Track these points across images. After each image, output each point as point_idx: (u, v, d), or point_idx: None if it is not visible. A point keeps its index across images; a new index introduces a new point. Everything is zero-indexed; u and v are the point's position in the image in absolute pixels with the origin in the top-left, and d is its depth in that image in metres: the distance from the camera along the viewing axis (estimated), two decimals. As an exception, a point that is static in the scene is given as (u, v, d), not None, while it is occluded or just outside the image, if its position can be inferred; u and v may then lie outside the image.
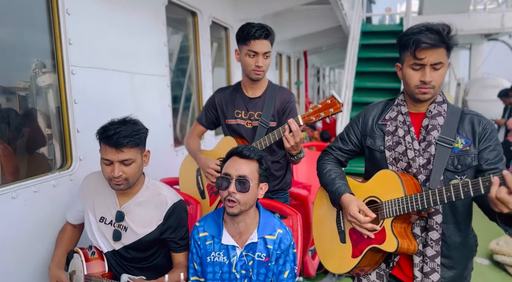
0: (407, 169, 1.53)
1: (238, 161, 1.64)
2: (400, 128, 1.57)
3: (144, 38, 2.87)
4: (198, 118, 2.34)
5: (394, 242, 1.46)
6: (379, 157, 1.62)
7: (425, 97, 1.51)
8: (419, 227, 1.52)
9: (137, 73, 2.75)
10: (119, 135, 1.62)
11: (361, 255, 1.58)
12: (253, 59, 2.02)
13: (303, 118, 1.82)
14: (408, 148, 1.53)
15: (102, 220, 1.82)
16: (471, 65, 10.03)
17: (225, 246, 1.69)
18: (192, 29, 3.87)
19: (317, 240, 1.84)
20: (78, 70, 2.16)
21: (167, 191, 1.84)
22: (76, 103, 2.14)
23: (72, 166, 2.13)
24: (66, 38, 2.09)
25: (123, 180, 1.68)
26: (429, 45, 1.42)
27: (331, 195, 1.67)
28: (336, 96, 1.74)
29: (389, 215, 1.50)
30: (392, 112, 1.63)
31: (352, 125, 1.75)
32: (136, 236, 1.77)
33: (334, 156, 1.79)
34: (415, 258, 1.51)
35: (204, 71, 3.93)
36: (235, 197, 1.58)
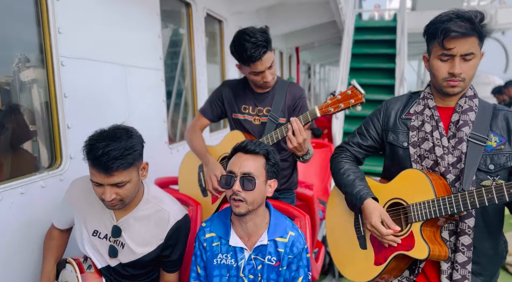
0: (434, 168, 1.42)
1: (242, 157, 1.52)
2: (427, 123, 1.45)
3: (137, 29, 2.70)
4: (202, 111, 2.21)
5: (425, 248, 1.35)
6: (402, 154, 1.50)
7: (454, 91, 1.39)
8: (448, 231, 1.41)
9: (130, 66, 2.59)
10: (108, 157, 1.35)
11: (385, 262, 1.46)
12: (259, 77, 1.92)
13: (320, 110, 1.70)
14: (436, 144, 1.41)
15: (95, 233, 1.63)
16: (462, 62, 10.01)
17: (233, 248, 1.57)
18: (186, 21, 3.70)
19: (332, 244, 1.72)
20: (68, 62, 2.00)
21: (170, 205, 1.64)
22: (66, 97, 1.98)
23: (62, 165, 1.97)
24: (55, 27, 1.92)
25: (118, 201, 1.47)
26: (459, 34, 1.30)
27: (351, 198, 1.53)
28: (357, 86, 1.62)
29: (417, 218, 1.38)
30: (417, 105, 1.51)
31: (372, 119, 1.62)
32: (134, 255, 1.61)
33: (351, 152, 1.66)
34: (443, 265, 1.40)
35: (198, 65, 3.77)
36: (241, 195, 1.46)
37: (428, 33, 1.41)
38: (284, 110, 2.01)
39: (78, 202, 1.64)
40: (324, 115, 1.72)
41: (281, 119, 2.00)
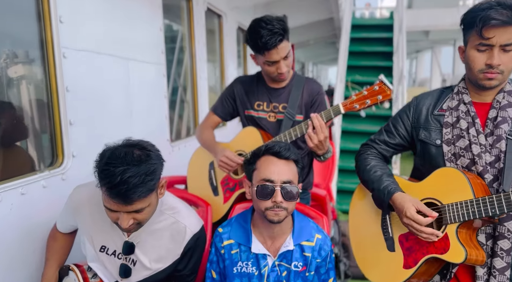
0: (470, 167, 1.33)
1: (277, 162, 1.41)
2: (463, 120, 1.36)
3: (138, 22, 2.57)
4: (213, 108, 2.11)
5: (461, 251, 1.26)
6: (435, 152, 1.41)
7: (491, 84, 1.31)
8: (485, 234, 1.33)
9: (132, 59, 2.46)
10: (128, 186, 1.17)
11: (416, 266, 1.38)
12: (274, 67, 1.81)
13: (344, 106, 1.60)
14: (472, 142, 1.33)
15: (103, 249, 1.47)
16: (455, 61, 10.10)
17: (254, 254, 1.46)
18: (187, 15, 3.58)
19: (356, 245, 1.63)
20: (70, 53, 1.87)
21: (186, 216, 1.48)
22: (68, 92, 1.85)
23: (64, 163, 1.84)
24: (56, 15, 1.79)
25: (135, 225, 1.32)
26: (499, 22, 1.22)
27: (378, 194, 1.45)
28: (386, 81, 1.52)
29: (453, 220, 1.29)
30: (451, 101, 1.42)
31: (401, 115, 1.53)
32: (148, 272, 1.46)
33: (378, 150, 1.57)
34: (479, 270, 1.32)
35: (199, 61, 3.66)
36: (282, 206, 1.36)
37: (466, 22, 1.33)
38: (301, 106, 1.92)
39: (82, 213, 1.46)
40: (349, 112, 1.63)
41: (298, 116, 1.91)
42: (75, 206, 1.47)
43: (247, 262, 1.47)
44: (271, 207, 1.37)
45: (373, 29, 7.29)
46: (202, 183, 2.10)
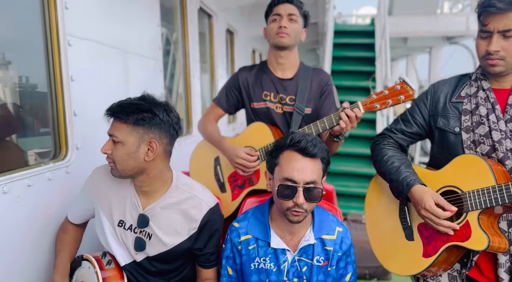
0: (490, 154, 1.35)
1: (301, 161, 1.33)
2: (482, 106, 1.38)
3: (136, 17, 2.51)
4: (216, 100, 2.06)
5: (484, 238, 1.27)
6: (453, 140, 1.42)
7: (495, 70, 1.34)
8: (506, 221, 1.34)
9: (131, 52, 2.40)
10: (114, 104, 1.38)
11: (436, 254, 1.38)
12: (277, 23, 1.82)
13: (364, 106, 1.58)
14: (493, 128, 1.34)
15: (121, 224, 1.47)
16: (430, 68, 10.45)
17: (273, 250, 1.42)
18: (180, 13, 3.54)
19: (373, 237, 1.63)
20: (75, 42, 1.79)
21: (202, 191, 1.51)
22: (73, 81, 1.77)
23: (68, 156, 1.76)
24: (62, 1, 1.72)
25: (112, 163, 1.39)
26: (495, 9, 1.26)
27: (397, 185, 1.45)
28: (408, 81, 1.51)
29: (475, 207, 1.30)
30: (469, 88, 1.44)
31: (419, 104, 1.54)
32: (163, 247, 1.44)
33: (395, 139, 1.57)
34: (501, 258, 1.33)
35: (192, 59, 3.61)
36: (303, 207, 1.32)
37: (477, 12, 1.37)
38: (310, 99, 1.89)
39: (101, 189, 1.49)
40: (370, 111, 1.62)
41: (307, 109, 1.88)
42: (96, 185, 1.51)
43: (265, 258, 1.43)
44: (292, 207, 1.33)
45: (355, 35, 7.44)
46: (207, 179, 2.04)
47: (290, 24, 1.82)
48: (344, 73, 6.68)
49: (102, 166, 1.54)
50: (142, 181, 1.42)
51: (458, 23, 7.72)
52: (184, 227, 1.45)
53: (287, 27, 1.80)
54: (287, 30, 1.80)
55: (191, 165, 2.17)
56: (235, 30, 5.34)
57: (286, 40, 1.82)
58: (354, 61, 6.88)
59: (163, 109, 1.40)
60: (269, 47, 1.92)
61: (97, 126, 1.94)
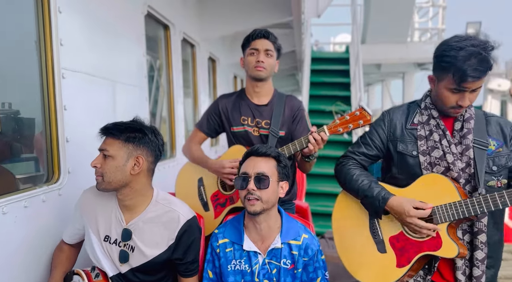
0: (445, 173, 1.53)
1: (255, 159, 1.61)
2: (435, 133, 1.56)
3: (124, 48, 2.71)
4: (198, 125, 2.24)
5: (454, 247, 1.45)
6: (412, 162, 1.60)
7: (457, 115, 1.54)
8: (461, 230, 1.53)
9: (119, 82, 2.57)
10: (108, 124, 1.57)
11: (409, 264, 1.55)
12: (255, 56, 2.02)
13: (329, 129, 1.78)
14: (446, 152, 1.53)
15: (106, 239, 1.62)
16: (404, 92, 10.95)
17: (246, 252, 1.61)
18: (164, 44, 3.75)
19: (343, 253, 1.76)
20: (68, 75, 1.96)
21: (180, 205, 1.67)
22: (65, 110, 1.93)
23: (60, 179, 1.89)
24: (57, 38, 1.90)
25: (100, 176, 1.54)
26: (475, 79, 1.40)
27: (372, 201, 1.60)
28: (366, 108, 1.71)
29: (444, 220, 1.48)
30: (421, 116, 1.62)
31: (377, 129, 1.72)
32: (144, 258, 1.59)
33: (358, 160, 1.74)
34: (458, 262, 1.51)
35: (176, 87, 3.80)
36: (256, 194, 1.53)
37: (442, 64, 1.46)
38: (284, 123, 2.08)
39: (89, 208, 1.64)
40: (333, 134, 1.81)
41: (281, 132, 2.07)
42: (84, 205, 1.67)
43: (240, 260, 1.61)
44: (246, 196, 1.55)
45: (331, 62, 7.81)
46: (192, 199, 2.19)
47: (266, 59, 2.03)
48: (322, 98, 6.99)
49: (90, 187, 1.70)
50: (125, 194, 1.58)
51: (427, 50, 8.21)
52: (163, 239, 1.60)
53: (264, 61, 2.01)
54: (264, 64, 2.02)
55: (177, 186, 2.32)
56: (217, 58, 5.59)
57: (263, 73, 2.04)
58: (330, 87, 7.21)
59: (151, 131, 1.61)
60: (247, 77, 2.13)
61: (87, 152, 2.09)
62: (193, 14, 4.39)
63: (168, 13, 3.54)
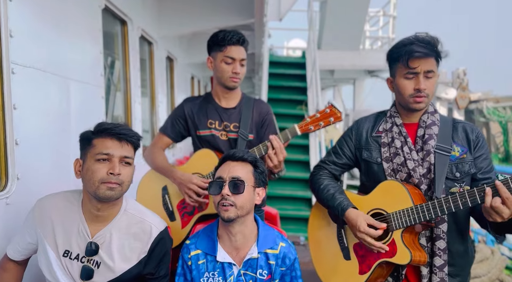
0: (407, 180, 1.56)
1: (231, 164, 1.54)
2: (397, 139, 1.59)
3: (79, 43, 2.51)
4: (162, 129, 2.11)
5: (407, 254, 1.46)
6: (377, 169, 1.63)
7: (420, 107, 1.54)
8: (425, 237, 1.55)
9: (73, 79, 2.37)
10: (120, 128, 1.42)
11: (369, 270, 1.56)
12: (230, 66, 1.92)
13: (300, 128, 1.75)
14: (407, 158, 1.55)
15: (66, 254, 1.44)
16: (355, 98, 11.34)
17: (220, 264, 1.52)
18: (121, 40, 3.55)
19: (316, 260, 1.77)
20: (18, 70, 1.76)
21: (151, 216, 1.55)
22: (15, 109, 1.73)
23: (8, 186, 1.69)
24: (6, 29, 1.69)
25: (118, 185, 1.38)
26: (422, 54, 1.48)
27: (333, 211, 1.62)
28: (336, 105, 1.71)
29: (398, 226, 1.50)
30: (385, 123, 1.65)
31: (345, 138, 1.74)
32: (112, 273, 1.45)
33: (328, 170, 1.75)
34: (423, 270, 1.52)
35: (134, 86, 3.61)
36: (230, 199, 1.46)
37: (392, 57, 1.57)
38: (252, 126, 2.03)
39: (46, 220, 1.46)
40: (305, 133, 1.79)
41: (250, 135, 2.02)
42: (40, 215, 1.48)
43: (214, 272, 1.52)
44: (220, 201, 1.47)
45: (288, 66, 7.89)
46: (155, 208, 2.04)
47: (242, 69, 1.95)
48: (280, 101, 7.03)
49: (45, 196, 1.53)
50: (111, 203, 1.44)
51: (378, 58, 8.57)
52: (134, 252, 1.47)
53: (240, 72, 1.94)
54: (240, 75, 1.95)
55: (138, 195, 2.17)
56: (175, 57, 5.42)
57: (238, 84, 1.98)
58: (288, 90, 7.27)
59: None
60: (216, 81, 2.04)
61: (39, 156, 1.90)
62: (152, 10, 4.21)
63: (126, 7, 3.35)
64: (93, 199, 1.41)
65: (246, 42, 1.97)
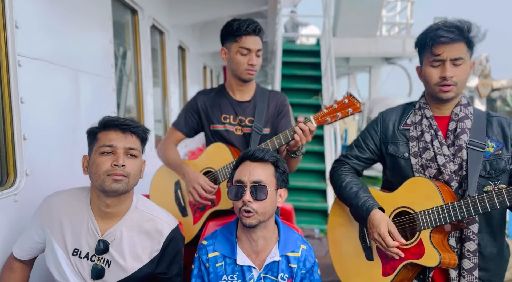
0: (437, 176, 1.46)
1: (251, 165, 1.44)
2: (427, 133, 1.49)
3: (88, 34, 2.44)
4: (175, 124, 2.04)
5: (435, 255, 1.37)
6: (404, 165, 1.53)
7: (448, 96, 1.45)
8: (454, 238, 1.45)
9: (82, 71, 2.31)
10: (124, 120, 1.38)
11: (394, 272, 1.47)
12: (246, 57, 1.82)
13: (316, 120, 1.65)
14: (437, 153, 1.46)
15: (75, 253, 1.40)
16: (371, 86, 11.11)
17: (239, 267, 1.45)
18: (132, 30, 3.47)
19: (336, 259, 1.69)
20: (25, 62, 1.70)
21: (162, 213, 1.50)
22: (22, 103, 1.67)
23: (16, 183, 1.64)
24: (12, 20, 1.63)
25: (124, 177, 1.33)
26: (447, 39, 1.39)
27: (356, 210, 1.53)
28: (355, 95, 1.59)
29: (426, 226, 1.41)
30: (414, 116, 1.56)
31: (370, 131, 1.64)
32: (123, 273, 1.40)
33: (351, 165, 1.66)
34: (452, 272, 1.44)
35: (145, 76, 3.54)
36: (251, 206, 1.37)
37: (419, 44, 1.49)
38: (268, 119, 1.95)
39: (54, 218, 1.42)
40: (321, 125, 1.69)
41: (265, 130, 1.93)
42: (47, 214, 1.44)
43: (232, 276, 1.45)
44: (242, 206, 1.39)
45: (302, 54, 7.73)
46: (168, 203, 2.00)
47: (258, 60, 1.85)
48: (294, 91, 6.90)
49: (53, 194, 1.48)
50: (121, 199, 1.40)
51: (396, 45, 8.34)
52: (145, 250, 1.43)
53: (256, 64, 1.84)
54: (256, 67, 1.85)
55: (151, 190, 2.12)
56: (187, 47, 5.33)
57: (254, 76, 1.88)
58: (302, 79, 7.13)
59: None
60: (230, 73, 1.95)
61: (48, 151, 1.85)
62: (163, -2, 4.12)
63: (136, -4, 3.26)
64: (101, 195, 1.36)
65: (262, 32, 1.87)
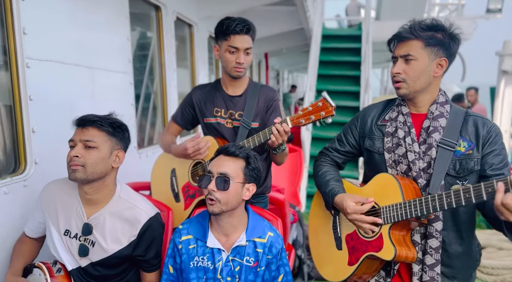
0: (407, 172, 1.46)
1: (222, 158, 1.56)
2: (401, 129, 1.49)
3: (106, 31, 2.64)
4: (173, 117, 2.19)
5: (391, 250, 1.39)
6: (378, 159, 1.54)
7: (400, 93, 1.47)
8: (419, 234, 1.45)
9: (98, 68, 2.52)
10: (88, 116, 1.55)
11: (357, 263, 1.51)
12: (234, 56, 1.90)
13: (292, 121, 1.70)
14: (408, 150, 1.46)
15: (66, 233, 1.61)
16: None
17: (210, 249, 1.57)
18: (156, 25, 3.66)
19: (313, 247, 1.77)
20: (33, 64, 1.92)
21: (143, 203, 1.66)
22: (31, 100, 1.90)
23: (26, 170, 1.89)
24: (20, 27, 1.85)
25: (80, 166, 1.49)
26: (398, 37, 1.44)
27: (325, 197, 1.58)
28: (328, 98, 1.61)
29: (386, 221, 1.42)
30: (392, 112, 1.56)
31: (350, 125, 1.67)
32: (104, 253, 1.59)
33: (331, 157, 1.71)
34: (414, 267, 1.45)
35: (168, 69, 3.73)
36: (215, 195, 1.49)
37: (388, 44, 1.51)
38: (257, 114, 2.02)
39: (51, 202, 1.63)
40: (296, 125, 1.72)
41: (254, 124, 2.01)
42: (46, 198, 1.65)
43: (203, 257, 1.58)
44: (207, 195, 1.51)
45: (343, 39, 7.53)
46: (165, 189, 2.18)
47: (246, 58, 1.92)
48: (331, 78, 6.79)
49: (51, 181, 1.68)
50: (95, 187, 1.57)
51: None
52: (124, 235, 1.60)
53: (244, 62, 1.92)
54: (244, 65, 1.93)
55: (152, 175, 2.31)
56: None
57: (242, 73, 1.96)
58: (341, 66, 6.98)
59: (127, 129, 1.65)
60: (223, 70, 2.04)
61: (57, 142, 2.08)
62: (189, -8, 4.26)
63: (158, -8, 3.43)
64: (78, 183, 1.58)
65: (252, 31, 1.92)
